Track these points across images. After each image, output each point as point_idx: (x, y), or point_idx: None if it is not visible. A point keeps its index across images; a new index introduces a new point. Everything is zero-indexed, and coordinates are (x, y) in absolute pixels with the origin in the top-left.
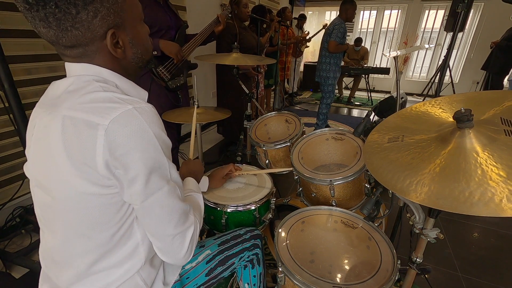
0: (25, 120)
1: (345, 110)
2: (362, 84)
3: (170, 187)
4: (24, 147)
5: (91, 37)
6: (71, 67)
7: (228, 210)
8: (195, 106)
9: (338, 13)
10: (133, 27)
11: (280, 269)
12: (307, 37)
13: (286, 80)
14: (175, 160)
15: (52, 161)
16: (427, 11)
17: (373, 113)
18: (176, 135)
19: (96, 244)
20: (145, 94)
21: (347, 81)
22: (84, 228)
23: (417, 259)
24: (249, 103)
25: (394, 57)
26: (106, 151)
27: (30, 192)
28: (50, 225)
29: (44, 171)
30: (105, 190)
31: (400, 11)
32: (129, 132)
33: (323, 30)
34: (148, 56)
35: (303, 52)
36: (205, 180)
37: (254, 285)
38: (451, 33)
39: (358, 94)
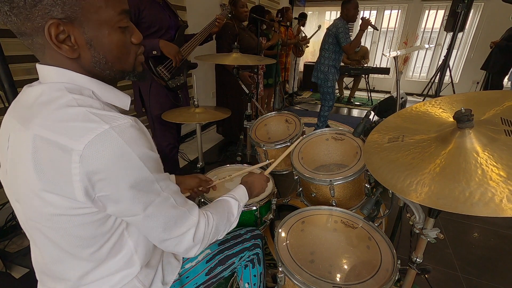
0: None
1: (345, 110)
2: (362, 84)
3: (161, 199)
4: None
5: (32, 28)
6: (41, 70)
7: None
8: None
9: (340, 13)
10: (95, 29)
11: (280, 269)
12: (307, 39)
13: (286, 80)
14: (175, 160)
15: (24, 182)
16: (427, 11)
17: (372, 113)
18: (176, 135)
19: (83, 259)
20: (127, 100)
21: (347, 81)
22: (67, 246)
23: (417, 259)
24: (249, 103)
25: (394, 57)
26: (84, 179)
27: None
28: (33, 241)
29: (18, 190)
30: (82, 210)
31: (400, 11)
32: (107, 156)
33: (319, 31)
34: (121, 67)
35: (304, 51)
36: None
37: (254, 284)
38: (451, 33)
39: (358, 94)
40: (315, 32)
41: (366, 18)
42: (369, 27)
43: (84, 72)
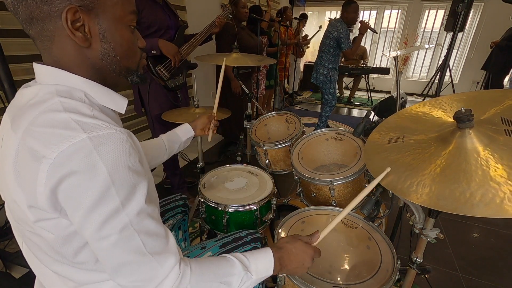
0: None
1: (345, 110)
2: (362, 84)
3: (120, 238)
4: None
5: (47, 12)
6: (37, 70)
7: (230, 210)
8: None
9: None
10: (109, 22)
11: None
12: (307, 39)
13: (286, 80)
14: (174, 160)
15: (6, 185)
16: (427, 11)
17: (372, 113)
18: None
19: (63, 271)
20: (124, 102)
21: (347, 81)
22: (45, 257)
23: (417, 259)
24: (249, 103)
25: (394, 57)
26: (47, 189)
27: None
28: (21, 244)
29: (3, 191)
30: (50, 222)
31: (400, 11)
32: (76, 167)
33: (320, 31)
34: (128, 63)
35: (305, 52)
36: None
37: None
38: (451, 33)
39: (358, 94)
40: (316, 33)
41: (365, 21)
42: (369, 30)
43: (87, 65)
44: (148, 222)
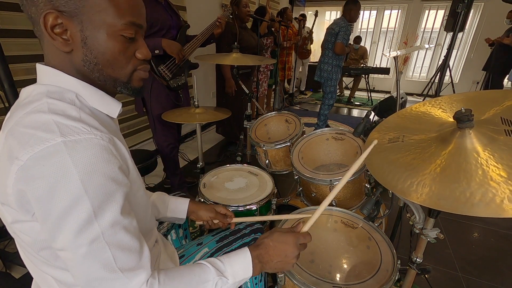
0: None
1: (345, 110)
2: (362, 84)
3: (90, 250)
4: None
5: (36, 13)
6: (37, 70)
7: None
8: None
9: (342, 13)
10: (94, 29)
11: None
12: (308, 35)
13: (286, 80)
14: (175, 160)
15: None
16: (427, 11)
17: (372, 113)
18: (177, 135)
19: (51, 272)
20: (117, 106)
21: (347, 81)
22: (33, 258)
23: (417, 259)
24: (249, 103)
25: (394, 57)
26: (16, 192)
27: None
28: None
29: None
30: (27, 224)
31: (400, 11)
32: (47, 172)
33: (318, 16)
34: (113, 73)
35: (310, 50)
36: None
37: (255, 278)
38: (451, 33)
39: (358, 94)
40: (314, 20)
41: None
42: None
43: (74, 70)
44: (122, 235)
